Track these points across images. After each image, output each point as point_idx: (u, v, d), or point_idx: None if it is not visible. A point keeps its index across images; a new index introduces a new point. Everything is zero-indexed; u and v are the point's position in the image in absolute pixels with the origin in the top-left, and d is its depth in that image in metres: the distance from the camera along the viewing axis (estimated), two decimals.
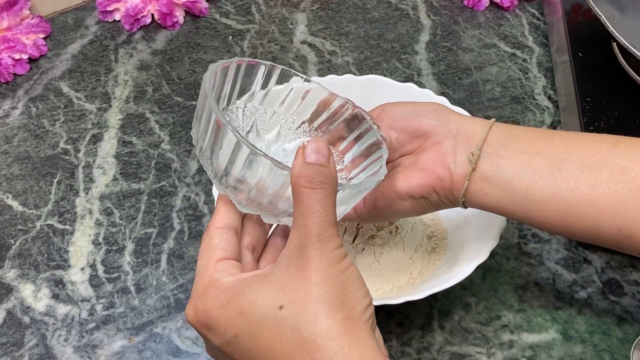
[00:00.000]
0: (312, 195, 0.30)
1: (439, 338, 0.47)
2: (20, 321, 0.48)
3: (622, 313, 0.49)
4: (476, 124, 0.40)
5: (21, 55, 0.66)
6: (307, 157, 0.31)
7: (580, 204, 0.36)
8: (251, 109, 0.40)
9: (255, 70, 0.38)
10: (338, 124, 0.42)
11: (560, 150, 0.37)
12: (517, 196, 0.38)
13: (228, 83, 0.37)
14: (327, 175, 0.31)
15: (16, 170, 0.58)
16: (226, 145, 0.32)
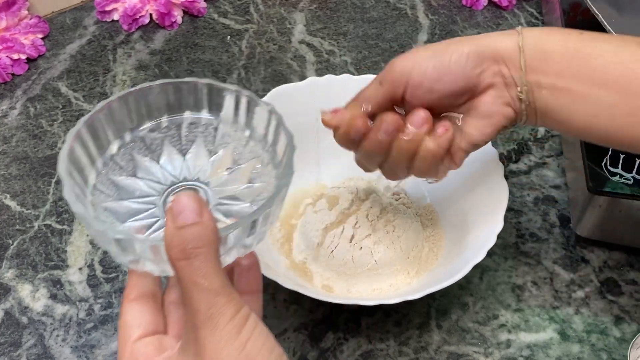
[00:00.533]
0: (187, 268, 0.28)
1: (436, 337, 0.47)
2: (18, 321, 0.48)
3: (620, 312, 0.49)
4: (508, 42, 0.39)
5: (19, 56, 0.66)
6: (175, 221, 0.28)
7: (617, 130, 0.38)
8: (157, 135, 0.38)
9: (147, 92, 0.36)
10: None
11: (597, 75, 0.37)
12: (560, 123, 0.39)
13: (107, 126, 0.35)
14: (200, 235, 0.28)
15: (14, 171, 0.58)
16: (96, 233, 0.31)
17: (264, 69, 0.67)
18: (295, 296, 0.47)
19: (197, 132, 0.38)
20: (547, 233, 0.53)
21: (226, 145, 0.38)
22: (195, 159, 0.38)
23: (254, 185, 0.37)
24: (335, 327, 0.47)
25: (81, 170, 0.34)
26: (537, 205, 0.55)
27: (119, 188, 0.36)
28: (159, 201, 0.35)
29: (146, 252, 0.30)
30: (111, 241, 0.30)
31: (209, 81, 0.36)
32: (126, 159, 0.36)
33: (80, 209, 0.30)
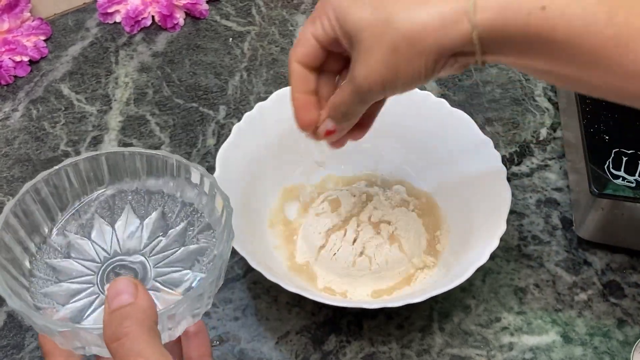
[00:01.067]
0: (120, 349, 0.28)
1: (439, 340, 0.47)
2: (21, 324, 0.48)
3: (623, 315, 0.48)
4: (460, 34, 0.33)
5: (22, 58, 0.66)
6: (110, 306, 0.28)
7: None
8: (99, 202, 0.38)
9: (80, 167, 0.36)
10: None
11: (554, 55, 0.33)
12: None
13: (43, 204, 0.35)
14: (130, 315, 0.28)
15: (17, 173, 0.58)
16: (39, 327, 0.30)
17: (265, 71, 0.67)
18: (297, 299, 0.47)
19: (126, 200, 0.38)
20: (549, 236, 0.53)
21: (157, 209, 0.38)
22: (125, 227, 0.37)
23: (190, 248, 0.36)
24: (338, 330, 0.47)
25: (14, 260, 0.33)
26: (540, 207, 0.55)
27: (56, 271, 0.35)
28: (96, 279, 0.35)
29: (93, 340, 0.30)
30: (56, 334, 0.30)
31: (134, 149, 0.36)
32: (59, 240, 0.36)
33: (17, 303, 0.30)
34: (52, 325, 0.29)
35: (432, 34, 0.33)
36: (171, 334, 0.32)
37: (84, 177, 0.36)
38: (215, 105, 0.63)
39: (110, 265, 0.36)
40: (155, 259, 0.36)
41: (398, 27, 0.33)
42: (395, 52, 0.34)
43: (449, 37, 0.33)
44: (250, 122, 0.52)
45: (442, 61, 0.35)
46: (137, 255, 0.36)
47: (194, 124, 0.61)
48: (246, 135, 0.51)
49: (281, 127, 0.53)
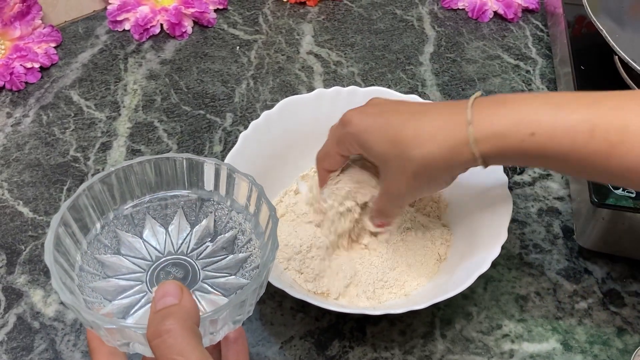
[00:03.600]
0: (162, 346, 0.28)
1: (440, 347, 0.48)
2: (30, 326, 0.49)
3: (623, 324, 0.49)
4: (461, 158, 0.40)
5: (33, 64, 0.67)
6: (156, 306, 0.30)
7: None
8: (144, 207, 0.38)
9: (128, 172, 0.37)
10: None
11: (550, 167, 0.40)
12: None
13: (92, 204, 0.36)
14: (173, 314, 0.29)
15: (27, 177, 0.59)
16: (86, 321, 0.31)
17: (272, 79, 0.68)
18: (301, 304, 0.48)
19: (179, 205, 0.39)
20: (550, 244, 0.54)
21: (208, 215, 0.39)
22: (178, 231, 0.38)
23: (239, 256, 0.37)
24: (341, 336, 0.48)
25: (67, 254, 0.34)
26: (541, 216, 0.56)
27: (105, 266, 0.36)
28: (145, 277, 0.36)
29: (137, 338, 0.31)
30: (102, 329, 0.30)
31: (189, 156, 0.37)
32: (110, 237, 0.37)
33: (69, 298, 0.31)
34: (100, 321, 0.30)
35: (442, 162, 0.40)
36: (212, 339, 0.33)
37: (142, 178, 0.37)
38: (222, 112, 0.64)
39: (163, 263, 0.37)
40: (202, 263, 0.37)
41: (415, 160, 0.40)
42: (417, 178, 0.41)
43: (457, 163, 0.40)
44: (257, 130, 0.53)
45: (454, 176, 0.42)
46: (186, 258, 0.37)
47: (201, 131, 0.62)
48: (252, 143, 0.52)
49: (287, 136, 0.54)
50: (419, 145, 0.40)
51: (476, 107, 0.39)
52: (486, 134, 0.38)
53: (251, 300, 0.33)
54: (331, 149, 0.46)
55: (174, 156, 0.37)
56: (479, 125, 0.38)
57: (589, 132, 0.36)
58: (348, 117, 0.44)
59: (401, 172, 0.41)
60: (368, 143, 0.42)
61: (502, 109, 0.38)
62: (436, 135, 0.39)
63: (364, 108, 0.44)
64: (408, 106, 0.43)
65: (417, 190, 0.43)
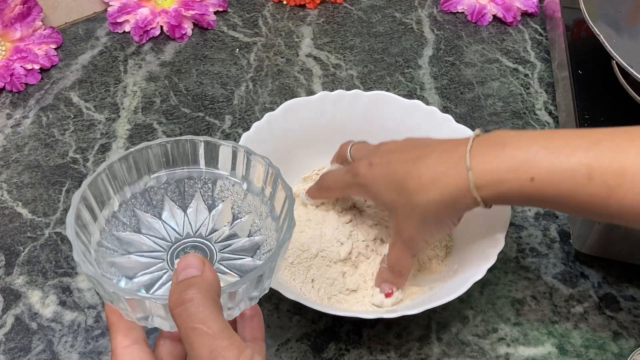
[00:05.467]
0: (184, 314, 0.29)
1: (436, 350, 0.48)
2: (28, 327, 0.49)
3: (618, 328, 0.49)
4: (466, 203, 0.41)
5: (33, 66, 0.68)
6: (177, 277, 0.30)
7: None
8: (161, 186, 0.39)
9: (145, 153, 0.38)
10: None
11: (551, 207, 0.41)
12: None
13: (108, 185, 0.36)
14: (195, 284, 0.29)
15: (26, 179, 0.59)
16: (106, 291, 0.32)
17: (271, 81, 0.68)
18: (298, 306, 0.48)
19: (196, 187, 0.39)
20: (547, 248, 0.54)
21: (225, 199, 0.39)
22: (196, 213, 0.39)
23: (255, 239, 0.38)
24: (337, 338, 0.48)
25: (85, 228, 0.35)
26: (538, 220, 0.56)
27: (124, 243, 0.37)
28: (166, 256, 0.37)
29: (157, 310, 0.31)
30: (122, 300, 0.31)
31: (207, 138, 0.38)
32: (128, 215, 0.38)
33: (91, 270, 0.31)
34: (120, 292, 0.30)
35: (445, 207, 0.41)
36: (230, 314, 0.33)
37: (160, 158, 0.38)
38: (221, 114, 0.65)
39: (182, 245, 0.37)
40: (220, 246, 0.37)
41: (420, 206, 0.42)
42: (424, 222, 0.43)
43: (460, 206, 0.41)
44: (259, 132, 0.53)
45: (459, 217, 0.44)
46: (204, 240, 0.38)
47: (200, 133, 0.63)
48: (254, 144, 0.52)
49: (289, 138, 0.54)
50: (422, 192, 0.41)
51: (475, 150, 0.40)
52: (486, 181, 0.39)
53: (268, 277, 0.33)
54: (337, 189, 0.49)
55: (193, 138, 0.38)
56: (478, 172, 0.39)
57: (587, 176, 0.37)
58: (357, 169, 0.45)
59: (409, 217, 0.43)
60: (377, 193, 0.44)
61: (501, 153, 0.39)
62: (438, 181, 0.41)
63: (372, 159, 0.45)
64: (412, 151, 0.43)
65: (427, 234, 0.44)
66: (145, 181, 0.38)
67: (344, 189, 0.48)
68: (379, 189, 0.44)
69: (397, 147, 0.45)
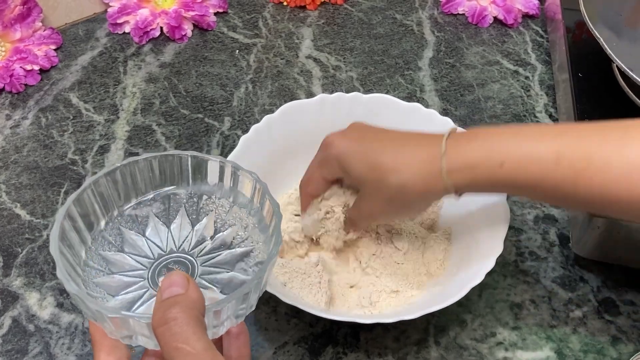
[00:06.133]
0: (167, 333, 0.29)
1: (434, 354, 0.48)
2: (25, 329, 0.49)
3: (617, 333, 0.49)
4: (436, 189, 0.42)
5: (32, 67, 0.68)
6: (162, 296, 0.30)
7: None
8: (148, 206, 0.39)
9: (135, 167, 0.37)
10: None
11: (522, 193, 0.42)
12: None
13: (95, 200, 0.36)
14: (179, 302, 0.29)
15: (25, 180, 0.59)
16: (89, 310, 0.31)
17: (271, 83, 0.68)
18: (296, 310, 0.48)
19: (181, 202, 0.39)
20: (546, 252, 0.54)
21: (209, 213, 0.39)
22: (180, 229, 0.39)
23: (237, 251, 0.38)
24: (335, 342, 0.48)
25: (72, 247, 0.34)
26: (537, 224, 0.56)
27: (109, 263, 0.36)
28: (147, 274, 0.37)
29: (141, 329, 0.31)
30: (106, 319, 0.31)
31: (194, 153, 0.38)
32: (114, 234, 0.38)
33: (74, 288, 0.31)
34: (104, 310, 0.30)
35: (416, 190, 0.42)
36: (215, 332, 0.33)
37: (146, 174, 0.38)
38: (220, 116, 0.64)
39: (164, 261, 0.37)
40: (202, 260, 0.37)
41: (391, 186, 0.42)
42: (391, 203, 0.43)
43: (431, 191, 0.42)
44: (258, 134, 0.53)
45: (428, 204, 0.45)
46: (186, 255, 0.38)
47: (199, 135, 0.63)
48: (252, 147, 0.52)
49: (288, 140, 0.54)
50: (396, 172, 0.42)
51: (450, 140, 0.41)
52: (458, 166, 0.40)
53: (254, 295, 0.33)
54: (314, 172, 0.48)
55: (179, 153, 0.38)
56: (451, 158, 0.41)
57: (555, 161, 0.38)
58: (330, 140, 0.46)
59: (376, 195, 0.43)
60: (349, 165, 0.44)
61: (474, 142, 0.41)
62: (412, 164, 0.42)
63: (346, 132, 0.46)
64: (388, 134, 0.45)
65: (389, 214, 0.46)
66: (132, 202, 0.38)
67: (318, 168, 0.47)
68: (352, 162, 0.44)
69: (373, 129, 0.46)
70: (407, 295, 0.48)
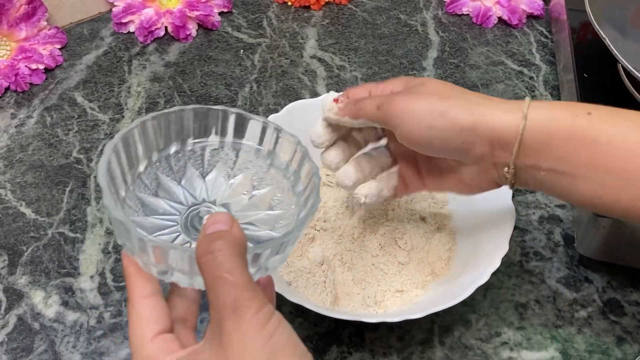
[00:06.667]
0: (211, 263, 0.29)
1: (439, 354, 0.48)
2: (31, 327, 0.49)
3: (622, 333, 0.49)
4: (509, 123, 0.39)
5: (37, 66, 0.68)
6: (206, 231, 0.30)
7: (622, 211, 0.38)
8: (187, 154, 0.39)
9: (180, 115, 0.38)
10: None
11: (601, 162, 0.37)
12: (560, 194, 0.40)
13: (139, 145, 0.37)
14: (227, 238, 0.30)
15: (30, 179, 0.59)
16: (130, 236, 0.32)
17: (275, 83, 0.68)
18: (300, 309, 0.48)
19: (219, 157, 0.40)
20: (551, 252, 0.54)
21: (246, 171, 0.40)
22: (215, 181, 0.39)
23: (274, 213, 0.38)
24: (340, 341, 0.48)
25: (114, 182, 0.35)
26: (542, 224, 0.56)
27: (144, 205, 0.37)
28: (180, 219, 0.37)
29: (180, 262, 0.31)
30: (148, 249, 0.31)
31: (239, 111, 0.38)
32: (151, 178, 0.38)
33: (121, 214, 0.32)
34: (148, 240, 0.31)
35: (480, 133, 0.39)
36: None
37: (190, 125, 0.38)
38: None
39: (196, 210, 0.38)
40: (238, 216, 0.38)
41: (468, 102, 0.40)
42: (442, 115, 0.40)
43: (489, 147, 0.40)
44: None
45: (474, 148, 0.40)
46: (221, 207, 0.38)
47: None
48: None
49: None
50: (476, 103, 0.40)
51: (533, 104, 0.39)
52: (539, 117, 0.38)
53: (289, 247, 0.34)
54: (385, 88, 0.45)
55: (225, 109, 0.38)
56: (533, 114, 0.38)
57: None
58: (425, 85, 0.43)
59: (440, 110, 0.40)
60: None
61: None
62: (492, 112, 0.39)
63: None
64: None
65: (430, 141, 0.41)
66: (173, 146, 0.39)
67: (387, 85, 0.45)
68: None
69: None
70: (412, 294, 0.48)
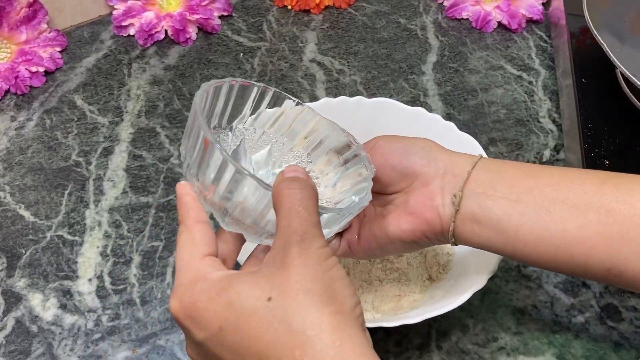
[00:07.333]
0: (292, 197, 0.32)
1: (436, 358, 0.48)
2: (28, 330, 0.49)
3: (619, 339, 0.49)
4: (464, 162, 0.40)
5: (37, 68, 0.68)
6: (285, 174, 0.33)
7: (569, 244, 0.37)
8: (241, 130, 0.41)
9: (248, 91, 0.40)
10: (328, 150, 0.43)
11: (547, 190, 0.38)
12: (506, 236, 0.38)
13: (220, 103, 0.39)
14: (306, 183, 0.33)
15: (29, 181, 0.59)
16: (212, 164, 0.33)
17: (275, 86, 0.68)
18: None
19: (270, 141, 0.42)
20: None
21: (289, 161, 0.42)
22: (261, 160, 0.41)
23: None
24: None
25: (212, 111, 0.38)
26: None
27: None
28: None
29: (252, 196, 0.33)
30: (226, 175, 0.32)
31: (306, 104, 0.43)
32: (221, 139, 0.40)
33: (211, 135, 0.33)
34: (233, 163, 0.32)
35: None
36: None
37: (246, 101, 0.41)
38: None
39: (266, 172, 0.41)
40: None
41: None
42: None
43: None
44: None
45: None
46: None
47: None
48: None
49: None
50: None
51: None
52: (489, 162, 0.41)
53: (345, 219, 0.37)
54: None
55: (291, 97, 0.42)
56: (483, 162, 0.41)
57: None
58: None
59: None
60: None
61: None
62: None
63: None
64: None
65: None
66: (236, 119, 0.41)
67: None
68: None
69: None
70: (409, 299, 0.48)
